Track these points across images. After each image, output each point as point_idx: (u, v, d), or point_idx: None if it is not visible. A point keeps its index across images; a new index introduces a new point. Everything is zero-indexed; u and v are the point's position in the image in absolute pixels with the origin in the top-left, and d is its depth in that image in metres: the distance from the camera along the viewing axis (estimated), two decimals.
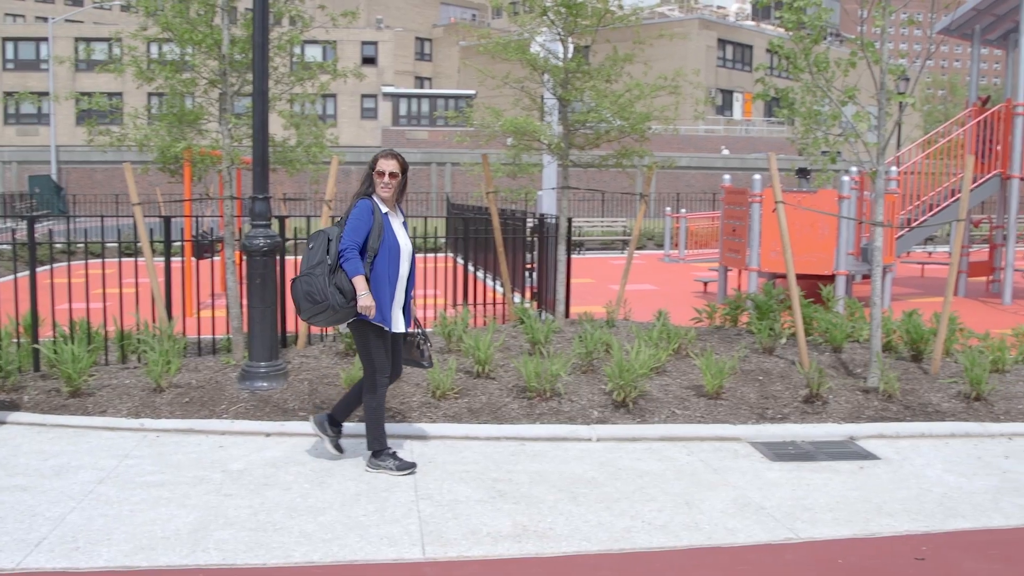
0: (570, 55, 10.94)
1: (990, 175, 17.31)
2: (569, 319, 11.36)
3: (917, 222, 17.08)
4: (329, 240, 6.45)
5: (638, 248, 28.88)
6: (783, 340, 10.14)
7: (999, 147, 17.41)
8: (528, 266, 13.29)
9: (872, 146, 8.70)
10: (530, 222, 13.21)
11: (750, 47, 68.90)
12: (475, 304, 11.77)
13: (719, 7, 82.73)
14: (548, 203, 17.21)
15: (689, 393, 8.38)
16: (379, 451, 6.65)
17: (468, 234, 13.44)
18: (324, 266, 6.38)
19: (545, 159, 12.77)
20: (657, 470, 6.78)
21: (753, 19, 76.13)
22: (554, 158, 11.16)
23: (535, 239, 12.91)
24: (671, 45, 43.21)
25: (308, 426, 7.24)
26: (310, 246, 6.54)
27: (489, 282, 13.80)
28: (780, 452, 7.27)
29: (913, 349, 9.85)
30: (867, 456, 7.25)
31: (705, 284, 18.29)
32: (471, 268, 13.33)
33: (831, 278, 14.34)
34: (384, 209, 6.55)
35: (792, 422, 7.89)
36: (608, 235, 31.04)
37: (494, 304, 11.95)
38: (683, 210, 30.63)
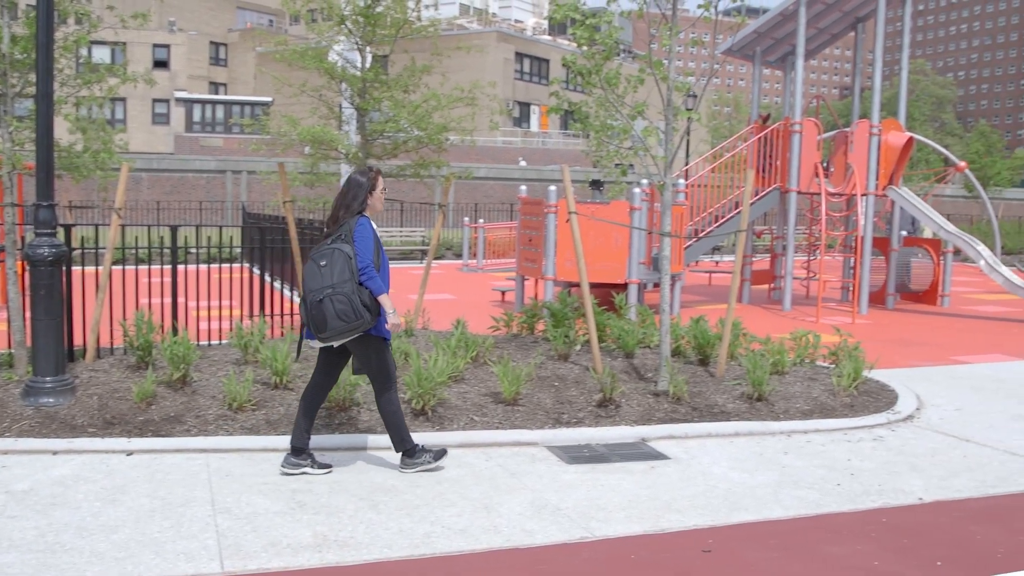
0: (368, 65, 10.95)
1: (770, 189, 18.27)
2: None
3: (704, 233, 17.84)
4: (349, 258, 6.49)
5: (437, 258, 29.08)
6: (578, 347, 10.43)
7: (778, 162, 18.41)
8: None
9: (660, 159, 9.08)
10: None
11: (547, 61, 70.41)
12: (272, 315, 11.60)
13: (517, 21, 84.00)
14: None
15: (487, 400, 8.53)
16: (411, 449, 6.90)
17: (264, 244, 13.22)
18: (351, 284, 6.43)
19: (343, 168, 12.72)
20: (456, 476, 6.88)
21: (550, 34, 77.71)
22: (351, 167, 11.13)
23: None
24: (470, 57, 43.58)
25: (105, 443, 7.00)
26: (323, 264, 6.50)
27: (287, 292, 13.61)
28: (576, 455, 7.49)
29: (700, 353, 10.32)
30: (658, 456, 7.56)
31: (503, 293, 18.58)
32: (268, 278, 13.12)
33: (624, 286, 14.83)
34: (373, 224, 6.78)
35: (587, 426, 8.14)
36: (407, 245, 31.11)
37: (292, 315, 11.81)
38: (481, 220, 31.01)
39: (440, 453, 7.04)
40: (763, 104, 23.95)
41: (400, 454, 6.96)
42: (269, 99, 58.98)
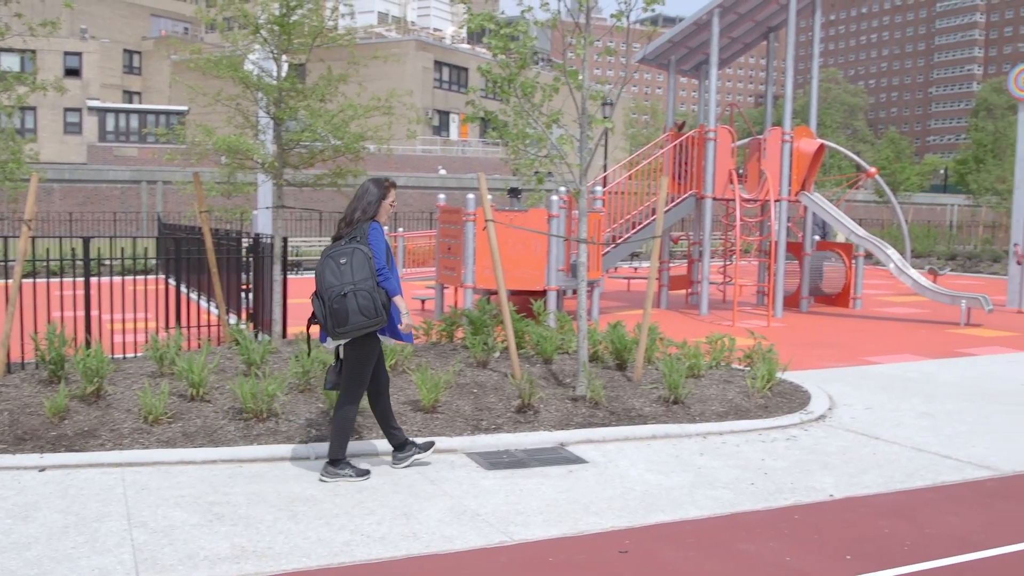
0: (284, 74, 10.88)
1: (686, 195, 18.55)
2: (286, 339, 11.27)
3: (622, 239, 18.04)
4: (369, 258, 6.76)
5: None
6: (497, 354, 10.49)
7: (694, 169, 18.69)
8: (244, 287, 13.06)
9: (575, 167, 9.18)
10: (245, 242, 13.01)
11: (466, 69, 70.54)
12: (189, 327, 11.47)
13: (436, 29, 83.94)
14: (265, 222, 16.96)
15: (406, 408, 8.54)
16: (338, 460, 6.96)
17: (180, 255, 13.08)
18: (372, 282, 6.71)
19: (260, 178, 12.62)
20: (376, 484, 6.89)
21: (469, 42, 77.82)
22: (268, 177, 11.06)
23: (251, 259, 12.72)
24: (388, 66, 43.59)
25: (16, 460, 6.87)
26: (342, 262, 6.76)
27: (204, 303, 13.48)
28: (495, 461, 7.55)
29: (618, 358, 10.44)
30: (576, 460, 7.65)
31: (423, 302, 18.58)
32: (184, 290, 12.98)
33: (544, 293, 14.93)
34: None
35: (506, 432, 8.20)
36: None
37: (209, 326, 11.70)
38: (401, 229, 30.93)
39: (364, 472, 7.06)
40: (679, 112, 24.32)
41: (327, 461, 7.02)
42: (185, 108, 58.15)
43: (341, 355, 7.04)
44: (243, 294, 13.01)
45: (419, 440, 7.58)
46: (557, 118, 9.20)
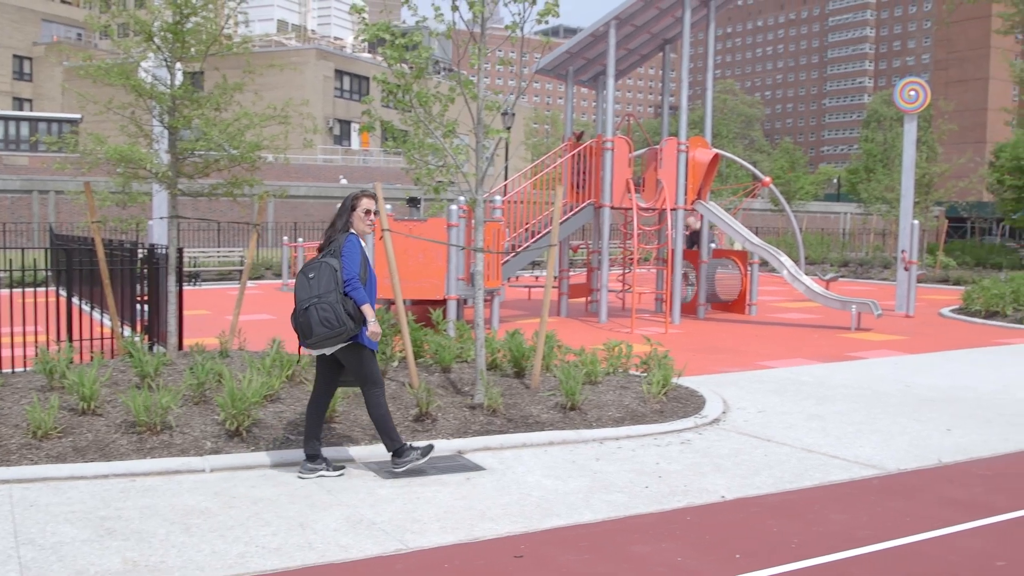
0: (178, 82, 10.74)
1: (585, 204, 18.76)
2: (182, 351, 11.11)
3: (521, 248, 18.17)
4: (335, 270, 7.02)
5: (257, 278, 28.63)
6: (395, 363, 10.48)
7: (592, 178, 18.91)
8: (140, 298, 12.84)
9: (471, 176, 9.24)
10: (141, 253, 12.79)
11: (367, 78, 70.26)
12: (82, 340, 11.23)
13: (336, 38, 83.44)
14: (161, 233, 16.68)
15: (304, 418, 8.45)
16: (400, 448, 7.39)
17: (72, 266, 12.80)
18: (336, 295, 6.97)
19: (155, 188, 12.43)
20: (272, 495, 6.85)
21: (370, 51, 77.51)
22: (163, 187, 10.90)
23: (146, 270, 12.51)
24: (288, 74, 43.11)
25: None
26: (311, 276, 7.07)
27: (97, 316, 13.21)
28: (393, 470, 7.55)
29: (516, 366, 10.52)
30: (474, 468, 7.70)
31: None
32: (77, 302, 12.71)
33: (445, 302, 14.96)
34: (363, 243, 7.34)
35: (406, 440, 8.20)
36: (225, 265, 30.50)
37: (102, 339, 11.47)
38: (301, 239, 30.67)
39: (427, 449, 7.49)
40: (578, 122, 24.58)
41: (391, 454, 7.43)
42: (78, 116, 56.85)
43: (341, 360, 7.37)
44: (138, 306, 12.78)
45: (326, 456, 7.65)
46: (453, 128, 9.26)
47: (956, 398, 11.14)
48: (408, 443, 7.54)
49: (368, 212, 7.37)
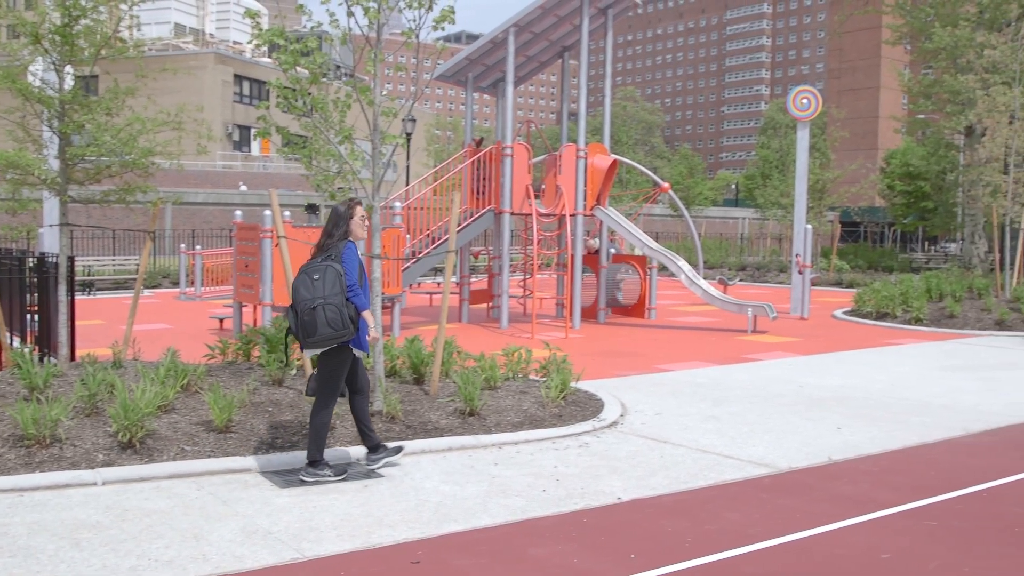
0: (68, 86, 10.49)
1: (485, 210, 18.82)
2: (74, 362, 10.85)
3: (422, 254, 18.15)
4: (340, 275, 7.23)
5: (154, 287, 28.08)
6: (293, 371, 10.39)
7: (492, 184, 18.99)
8: (30, 308, 12.49)
9: (367, 183, 9.21)
10: (30, 262, 12.45)
11: (266, 83, 69.37)
12: None
13: (235, 43, 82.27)
14: (52, 241, 16.28)
15: (199, 429, 8.36)
16: (316, 461, 7.45)
17: None
18: (341, 298, 7.19)
19: (45, 195, 12.13)
20: (166, 508, 6.73)
21: (269, 56, 76.62)
22: (52, 194, 10.63)
23: (36, 280, 12.18)
24: (186, 79, 42.44)
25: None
26: (315, 277, 7.22)
27: None
28: (290, 479, 7.49)
29: (416, 373, 10.52)
30: (372, 475, 7.68)
31: (221, 321, 18.20)
32: None
33: None
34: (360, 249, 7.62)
35: (301, 449, 8.11)
36: (121, 274, 29.83)
37: None
38: (199, 247, 30.17)
39: (342, 470, 7.58)
40: (479, 128, 24.65)
41: (306, 463, 7.50)
42: None
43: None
44: (29, 316, 12.44)
45: (389, 444, 8.01)
46: (349, 134, 9.22)
47: (846, 397, 11.46)
48: (326, 460, 7.58)
49: (363, 217, 7.72)
